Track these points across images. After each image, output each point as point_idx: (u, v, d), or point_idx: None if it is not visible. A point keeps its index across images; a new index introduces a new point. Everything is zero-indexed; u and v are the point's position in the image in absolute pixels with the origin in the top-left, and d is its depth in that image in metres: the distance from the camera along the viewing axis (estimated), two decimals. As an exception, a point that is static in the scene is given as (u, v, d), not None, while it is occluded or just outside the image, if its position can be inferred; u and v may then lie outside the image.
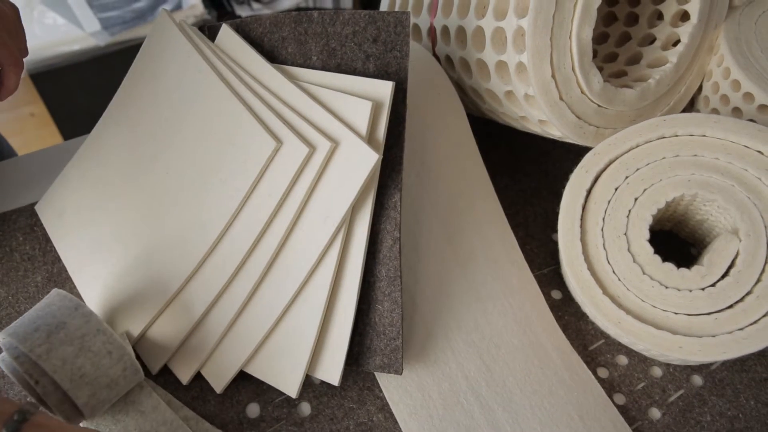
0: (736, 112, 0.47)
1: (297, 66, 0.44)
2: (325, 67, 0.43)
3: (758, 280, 0.41)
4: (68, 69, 1.05)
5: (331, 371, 0.43)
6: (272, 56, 0.45)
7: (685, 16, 0.47)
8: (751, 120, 0.46)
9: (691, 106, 0.52)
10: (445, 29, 0.49)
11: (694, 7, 0.46)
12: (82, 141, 0.55)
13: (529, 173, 0.57)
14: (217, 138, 0.43)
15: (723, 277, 0.41)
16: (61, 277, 0.48)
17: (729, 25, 0.49)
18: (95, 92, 0.99)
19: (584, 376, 0.46)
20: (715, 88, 0.49)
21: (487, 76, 0.47)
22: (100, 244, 0.47)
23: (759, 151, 0.42)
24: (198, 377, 0.45)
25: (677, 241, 0.52)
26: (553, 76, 0.43)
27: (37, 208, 0.51)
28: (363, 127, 0.40)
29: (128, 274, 0.46)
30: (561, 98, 0.44)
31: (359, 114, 0.40)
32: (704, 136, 0.43)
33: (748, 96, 0.46)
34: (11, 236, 0.50)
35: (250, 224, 0.42)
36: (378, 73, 0.42)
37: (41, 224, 0.51)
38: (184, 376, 0.44)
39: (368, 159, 0.40)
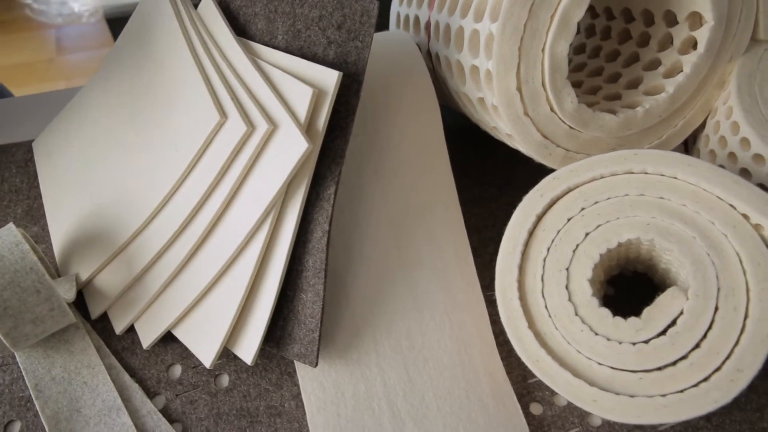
0: (732, 157, 0.42)
1: (263, 44, 0.42)
2: (288, 48, 0.42)
3: (696, 346, 0.36)
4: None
5: (248, 350, 0.42)
6: (243, 31, 0.44)
7: (696, 44, 0.42)
8: (745, 169, 0.41)
9: (693, 144, 0.46)
10: (437, 25, 0.46)
11: (703, 36, 0.41)
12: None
13: (518, 187, 0.53)
14: (177, 105, 0.43)
15: (659, 335, 0.37)
16: (39, 213, 0.50)
17: (747, 60, 0.43)
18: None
19: (511, 408, 0.43)
20: (716, 127, 0.43)
21: (463, 80, 0.44)
22: (74, 188, 0.49)
23: (731, 205, 0.37)
24: (133, 330, 0.45)
25: (653, 286, 0.47)
26: (518, 88, 0.39)
27: (33, 144, 0.53)
28: (302, 113, 0.39)
29: (89, 220, 0.47)
30: (526, 113, 0.40)
31: (300, 100, 0.39)
32: (675, 178, 0.38)
33: (745, 142, 0.40)
34: (6, 167, 0.52)
35: (190, 194, 0.42)
36: (337, 61, 0.41)
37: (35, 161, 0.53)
38: (118, 326, 0.45)
39: (299, 146, 0.38)
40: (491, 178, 0.53)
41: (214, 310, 0.43)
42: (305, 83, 0.39)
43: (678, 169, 0.38)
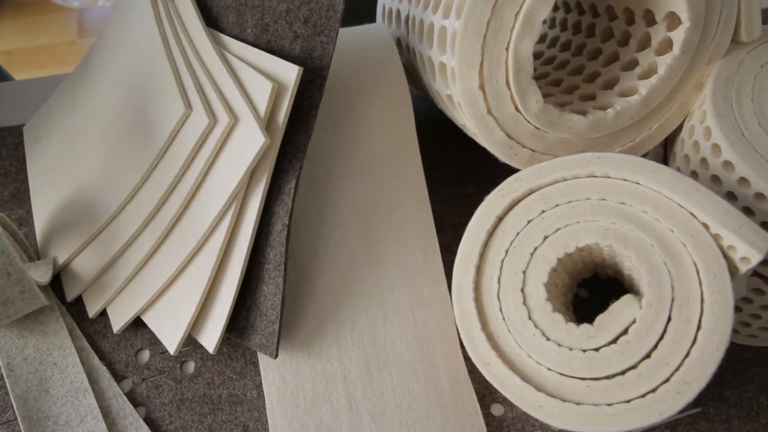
0: (704, 163, 0.41)
1: (233, 36, 0.43)
2: (256, 42, 0.42)
3: (647, 356, 0.35)
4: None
5: (210, 338, 0.43)
6: (216, 22, 0.44)
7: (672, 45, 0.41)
8: (715, 176, 0.40)
9: (670, 146, 0.45)
10: (413, 20, 0.46)
11: (678, 37, 0.40)
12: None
13: (498, 184, 0.53)
14: (148, 94, 0.44)
15: (610, 343, 0.36)
16: (24, 196, 0.52)
17: (726, 63, 0.42)
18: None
19: (470, 408, 0.43)
20: (691, 131, 0.42)
21: (434, 76, 0.44)
22: (58, 173, 0.50)
23: (692, 214, 0.36)
24: (105, 314, 0.47)
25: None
26: (481, 87, 0.39)
27: (24, 129, 0.55)
28: (262, 107, 0.39)
29: (70, 205, 0.48)
30: (489, 112, 0.40)
31: (261, 94, 0.39)
32: (637, 183, 0.38)
33: (716, 148, 0.39)
34: (-3, 150, 0.54)
35: (159, 183, 0.43)
36: (302, 56, 0.41)
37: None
38: (92, 309, 0.46)
39: (257, 141, 0.38)
40: (470, 175, 0.52)
41: (179, 297, 0.44)
42: (267, 77, 0.39)
43: (640, 175, 0.37)
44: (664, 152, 0.46)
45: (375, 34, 0.48)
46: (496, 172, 0.53)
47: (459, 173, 0.53)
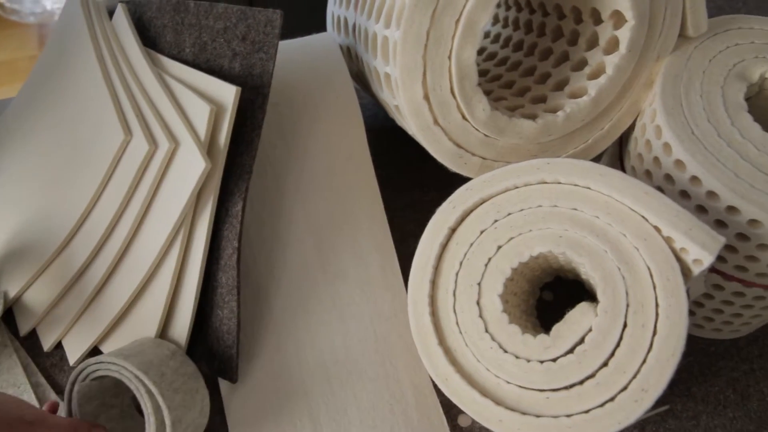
0: (656, 162, 0.41)
1: (172, 56, 0.42)
2: (195, 61, 0.42)
3: (604, 364, 0.35)
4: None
5: (168, 367, 0.43)
6: (154, 43, 0.43)
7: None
8: (668, 175, 0.40)
9: (626, 145, 0.45)
10: (359, 28, 0.45)
11: (624, 35, 0.40)
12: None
13: (459, 190, 0.52)
14: (88, 121, 0.43)
15: (567, 353, 0.36)
16: (-26, 228, 0.51)
17: (675, 58, 0.42)
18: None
19: (436, 421, 0.43)
20: (643, 130, 0.42)
21: (380, 86, 0.43)
22: (3, 203, 0.49)
23: (643, 217, 0.36)
24: (61, 347, 0.46)
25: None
26: (425, 97, 0.38)
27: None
28: (202, 131, 0.39)
29: (18, 237, 0.47)
30: (436, 122, 0.39)
31: (200, 117, 0.39)
32: (588, 188, 0.38)
33: (667, 147, 0.39)
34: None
35: (105, 211, 0.42)
36: (242, 74, 0.40)
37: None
38: (46, 342, 0.46)
39: (197, 165, 0.38)
40: (431, 181, 0.52)
41: (137, 325, 0.43)
42: (206, 99, 0.39)
43: (590, 179, 0.37)
44: (619, 151, 0.46)
45: (321, 45, 0.47)
46: (457, 176, 0.53)
47: (419, 179, 0.53)
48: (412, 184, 0.53)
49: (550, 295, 0.48)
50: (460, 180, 0.50)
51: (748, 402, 0.44)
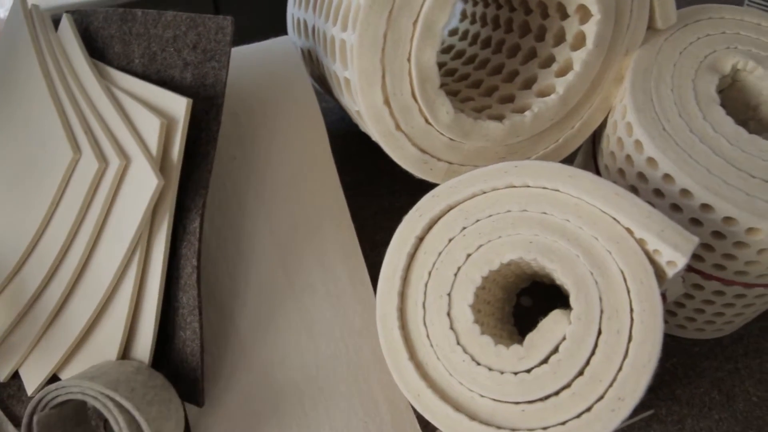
0: (629, 160, 0.41)
1: (120, 68, 0.42)
2: (145, 73, 0.41)
3: (580, 373, 0.35)
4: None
5: (131, 393, 0.42)
6: (102, 54, 0.43)
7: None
8: (641, 173, 0.40)
9: (598, 143, 0.45)
10: (318, 31, 0.45)
11: (591, 30, 0.40)
12: None
13: (431, 194, 0.52)
14: (35, 138, 0.42)
15: (542, 363, 0.36)
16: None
17: (645, 52, 0.42)
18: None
19: (412, 437, 0.42)
20: (614, 127, 0.42)
21: (341, 91, 0.43)
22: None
23: (614, 219, 0.36)
24: (18, 376, 0.46)
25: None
26: (386, 102, 0.38)
27: None
28: (154, 146, 0.38)
29: (-31, 261, 0.47)
30: (398, 128, 0.39)
31: (151, 132, 0.38)
32: (557, 191, 0.38)
33: (638, 144, 0.39)
34: None
35: (58, 233, 0.42)
36: (194, 84, 0.40)
37: None
38: (2, 372, 0.45)
39: (150, 182, 0.38)
40: (402, 187, 0.52)
41: (97, 350, 0.43)
42: (157, 112, 0.38)
43: (559, 182, 0.37)
44: (593, 149, 0.46)
45: (280, 49, 0.47)
46: (429, 182, 0.52)
47: (389, 185, 0.52)
48: (382, 190, 0.53)
49: (529, 300, 0.48)
50: (431, 185, 0.50)
51: (733, 403, 0.44)
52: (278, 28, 0.54)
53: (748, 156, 0.38)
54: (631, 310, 0.35)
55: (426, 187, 0.49)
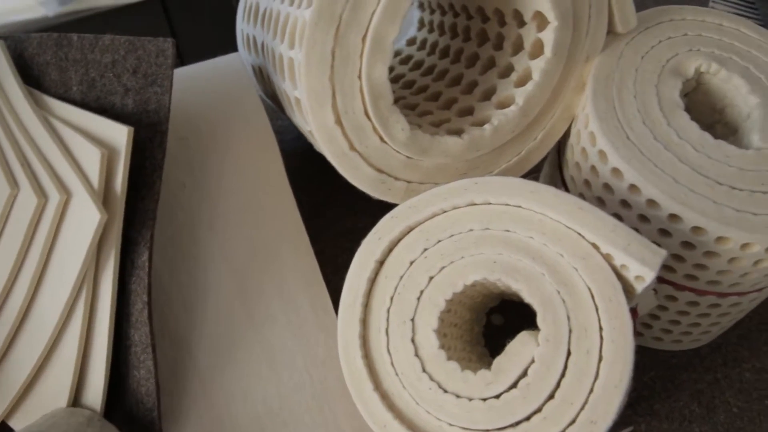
0: (593, 171, 0.40)
1: (58, 96, 0.41)
2: (84, 100, 0.40)
3: (550, 397, 0.35)
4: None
5: (85, 437, 0.41)
6: (38, 82, 0.42)
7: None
8: (606, 184, 0.40)
9: (563, 154, 0.45)
10: (266, 48, 0.45)
11: (548, 37, 0.39)
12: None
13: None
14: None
15: (511, 387, 0.36)
16: None
17: (606, 58, 0.42)
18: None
19: (383, 469, 0.42)
20: (578, 136, 0.42)
21: (292, 111, 0.43)
22: None
23: (579, 234, 0.36)
24: (-34, 424, 0.45)
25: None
26: (338, 122, 0.38)
27: None
28: (95, 178, 0.37)
29: None
30: (352, 148, 0.39)
31: (91, 163, 0.37)
32: (520, 207, 0.37)
33: (602, 154, 0.39)
34: None
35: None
36: (136, 111, 0.39)
37: None
38: (-53, 422, 0.44)
39: (92, 217, 0.37)
40: (364, 206, 0.51)
41: (46, 395, 0.42)
42: (97, 142, 0.38)
43: (521, 198, 0.37)
44: (558, 160, 0.46)
45: (228, 67, 0.46)
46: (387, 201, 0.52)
47: (351, 205, 0.52)
48: (344, 210, 0.52)
49: (500, 318, 0.48)
50: (392, 203, 0.50)
51: (714, 414, 0.44)
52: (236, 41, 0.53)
53: (714, 162, 0.38)
54: (601, 328, 0.35)
55: (388, 205, 0.49)
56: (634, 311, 0.39)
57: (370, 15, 0.36)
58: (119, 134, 0.37)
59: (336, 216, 0.52)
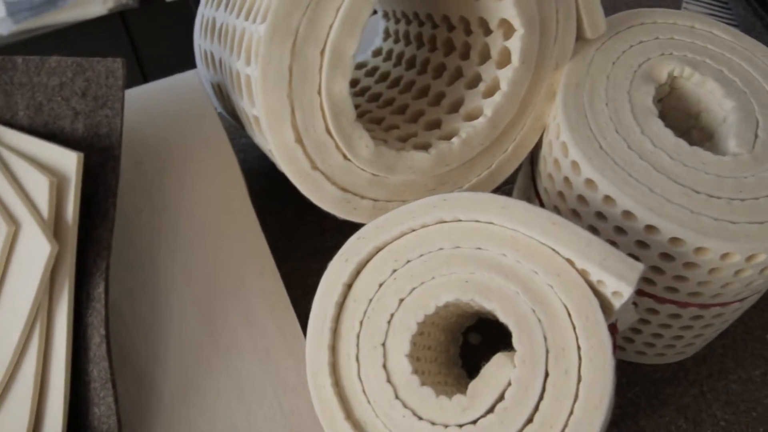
0: (567, 182, 0.40)
1: (3, 123, 0.40)
2: (32, 126, 0.39)
3: (529, 421, 0.34)
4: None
5: (42, 482, 0.40)
6: (-18, 107, 0.41)
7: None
8: (581, 196, 0.39)
9: (536, 165, 0.44)
10: (223, 64, 0.44)
11: (515, 45, 0.39)
12: None
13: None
14: None
15: (488, 412, 0.35)
16: None
17: (576, 65, 0.41)
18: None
19: (359, 501, 0.41)
20: (549, 147, 0.41)
21: (252, 129, 0.42)
22: None
23: (553, 250, 0.35)
24: None
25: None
26: (298, 140, 0.37)
27: None
28: (44, 208, 0.36)
29: None
30: (315, 167, 0.38)
31: (40, 192, 0.36)
32: (491, 223, 0.37)
33: (575, 165, 0.39)
34: None
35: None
36: (87, 135, 0.38)
37: None
38: None
39: (42, 249, 0.36)
40: (333, 225, 0.50)
41: (1, 436, 0.41)
42: (46, 170, 0.37)
43: (492, 214, 0.36)
44: (531, 172, 0.46)
45: (186, 86, 0.45)
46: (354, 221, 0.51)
47: (319, 224, 0.51)
48: (312, 229, 0.52)
49: (477, 337, 0.47)
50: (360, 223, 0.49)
51: (701, 429, 0.44)
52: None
53: (690, 170, 0.38)
54: (579, 347, 0.34)
55: (359, 224, 0.48)
56: (613, 327, 0.38)
57: (327, 28, 0.35)
58: (69, 160, 0.36)
59: (304, 236, 0.51)
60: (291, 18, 0.35)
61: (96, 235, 0.38)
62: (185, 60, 0.53)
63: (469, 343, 0.46)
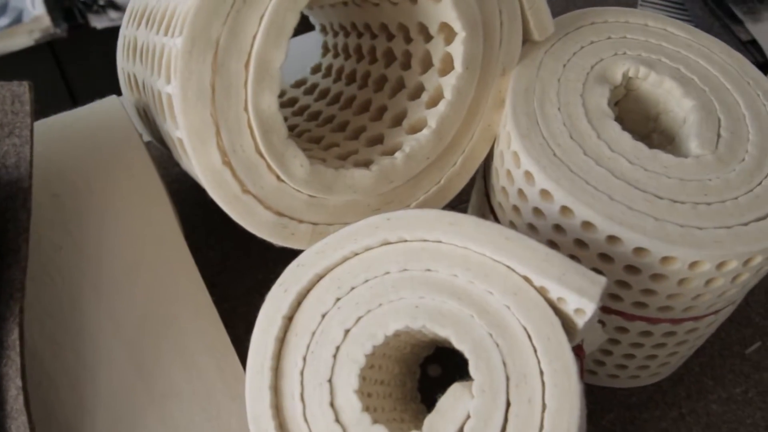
0: (521, 195, 0.39)
1: None
2: (-69, 158, 0.37)
3: (491, 457, 0.32)
4: None
5: None
6: None
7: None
8: (536, 208, 0.38)
9: (489, 178, 0.43)
10: (145, 86, 0.42)
11: (457, 50, 0.38)
12: None
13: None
14: None
15: (446, 449, 0.33)
16: None
17: (524, 69, 0.40)
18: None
19: None
20: (501, 158, 0.40)
21: (179, 153, 0.40)
22: None
23: (509, 267, 0.34)
24: None
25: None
26: (226, 162, 0.35)
27: None
28: (-57, 248, 0.34)
29: None
30: (246, 191, 0.36)
31: (-63, 231, 0.34)
32: (439, 242, 0.35)
33: (528, 176, 0.37)
34: None
35: None
36: (-8, 167, 0.36)
37: None
38: None
39: (-58, 294, 0.34)
40: (278, 255, 0.48)
41: None
42: (-55, 207, 0.34)
43: (439, 231, 0.35)
44: (485, 187, 0.44)
45: (106, 113, 0.43)
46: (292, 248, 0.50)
47: (262, 255, 0.49)
48: (255, 261, 0.50)
49: (437, 369, 0.45)
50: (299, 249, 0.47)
51: (683, 455, 0.43)
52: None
53: (651, 174, 0.37)
54: (541, 372, 0.33)
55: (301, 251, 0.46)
56: (579, 349, 0.37)
57: (251, 39, 0.34)
58: (-34, 196, 0.34)
59: (246, 269, 0.49)
60: (210, 28, 0.33)
61: (7, 276, 0.36)
62: (119, 89, 0.51)
63: (428, 375, 0.44)
